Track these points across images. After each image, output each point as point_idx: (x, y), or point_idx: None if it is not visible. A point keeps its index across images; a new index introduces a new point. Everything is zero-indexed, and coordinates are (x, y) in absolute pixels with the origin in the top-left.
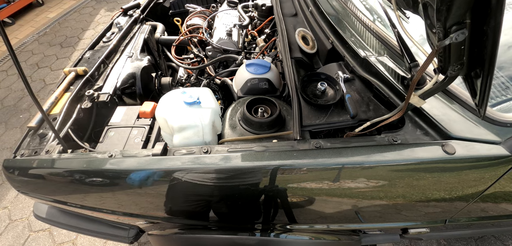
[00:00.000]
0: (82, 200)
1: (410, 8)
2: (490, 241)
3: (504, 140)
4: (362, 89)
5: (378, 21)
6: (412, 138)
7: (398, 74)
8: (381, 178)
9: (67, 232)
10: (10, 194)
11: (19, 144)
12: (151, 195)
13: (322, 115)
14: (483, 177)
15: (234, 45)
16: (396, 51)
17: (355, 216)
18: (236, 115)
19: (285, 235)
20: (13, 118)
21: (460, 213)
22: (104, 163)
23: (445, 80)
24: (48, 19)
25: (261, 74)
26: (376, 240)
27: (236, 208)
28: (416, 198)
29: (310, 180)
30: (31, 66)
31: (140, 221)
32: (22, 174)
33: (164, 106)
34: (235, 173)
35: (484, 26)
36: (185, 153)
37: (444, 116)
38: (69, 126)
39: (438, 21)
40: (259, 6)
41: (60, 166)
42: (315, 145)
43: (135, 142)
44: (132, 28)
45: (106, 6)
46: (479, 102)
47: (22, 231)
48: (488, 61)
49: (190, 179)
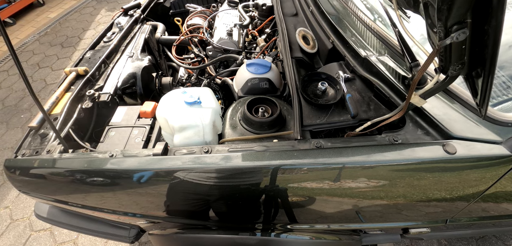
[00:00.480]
0: (83, 200)
1: (411, 7)
2: (491, 241)
3: (505, 139)
4: (363, 89)
5: (379, 21)
6: (413, 138)
7: (399, 73)
8: (382, 178)
9: (68, 232)
10: (11, 194)
11: (20, 144)
12: (152, 195)
13: (322, 115)
14: (484, 176)
15: (234, 45)
16: (397, 50)
17: (355, 216)
18: (237, 115)
19: (285, 235)
20: (14, 118)
21: (461, 213)
22: (105, 162)
23: (446, 80)
24: (49, 19)
25: (262, 74)
26: (376, 240)
27: (236, 208)
28: (417, 198)
29: (311, 180)
30: (32, 66)
31: (141, 220)
32: (23, 173)
33: (164, 106)
34: (236, 172)
35: (485, 25)
36: (185, 152)
37: (445, 116)
38: (70, 126)
39: (439, 20)
40: (259, 6)
41: (61, 166)
42: (315, 144)
43: (135, 142)
44: (133, 28)
45: (107, 6)
46: (480, 102)
47: (23, 230)
48: (489, 60)
49: (191, 179)
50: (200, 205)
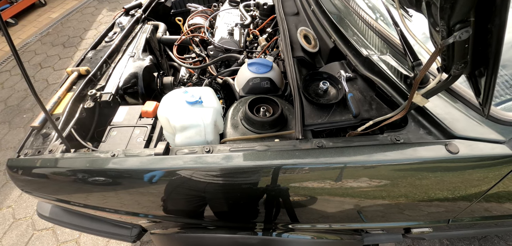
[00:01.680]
0: (85, 199)
1: (413, 6)
2: (493, 241)
3: (508, 139)
4: (365, 88)
5: (381, 20)
6: (415, 137)
7: (401, 73)
8: (383, 178)
9: (70, 231)
10: (14, 193)
11: (23, 144)
12: (154, 194)
13: (324, 114)
14: (487, 176)
15: (235, 45)
16: (399, 50)
17: (357, 215)
18: (238, 114)
19: (287, 234)
20: (17, 118)
21: (463, 212)
22: (107, 162)
23: (448, 79)
24: (50, 19)
25: (263, 73)
26: (378, 239)
27: (238, 208)
28: (419, 197)
29: (312, 180)
30: (34, 66)
31: (143, 220)
32: (26, 173)
33: (166, 106)
34: (237, 172)
35: (489, 24)
36: (187, 152)
37: (447, 115)
38: (72, 126)
39: (442, 19)
40: (260, 5)
41: (63, 166)
42: (317, 144)
43: (137, 142)
44: (134, 28)
45: (108, 6)
46: (483, 101)
47: (26, 229)
48: (493, 59)
49: (193, 179)
50: (201, 204)
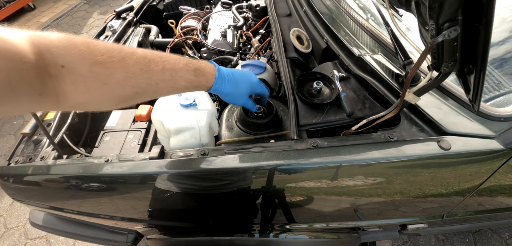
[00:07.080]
0: (79, 206)
1: (403, 6)
2: (487, 234)
3: (498, 133)
4: (358, 88)
5: (372, 20)
6: (408, 135)
7: (392, 72)
8: (378, 175)
9: (64, 239)
10: (5, 202)
11: (13, 151)
12: (149, 199)
13: (318, 114)
14: (479, 171)
15: (229, 46)
16: (390, 49)
17: (354, 213)
18: (233, 116)
19: (284, 235)
20: (7, 125)
21: (457, 207)
22: (100, 168)
23: (439, 77)
24: (40, 23)
25: (257, 74)
26: (375, 237)
27: (234, 209)
28: (413, 194)
29: (308, 179)
30: None
31: (139, 225)
32: (17, 181)
33: (160, 109)
34: (233, 174)
35: (476, 23)
36: (182, 155)
37: (439, 112)
38: (64, 131)
39: (431, 18)
40: (253, 7)
41: (56, 172)
42: (312, 144)
43: (131, 146)
44: (126, 31)
45: (99, 9)
46: (472, 98)
47: (18, 239)
48: (481, 57)
49: (188, 182)
50: (198, 207)
